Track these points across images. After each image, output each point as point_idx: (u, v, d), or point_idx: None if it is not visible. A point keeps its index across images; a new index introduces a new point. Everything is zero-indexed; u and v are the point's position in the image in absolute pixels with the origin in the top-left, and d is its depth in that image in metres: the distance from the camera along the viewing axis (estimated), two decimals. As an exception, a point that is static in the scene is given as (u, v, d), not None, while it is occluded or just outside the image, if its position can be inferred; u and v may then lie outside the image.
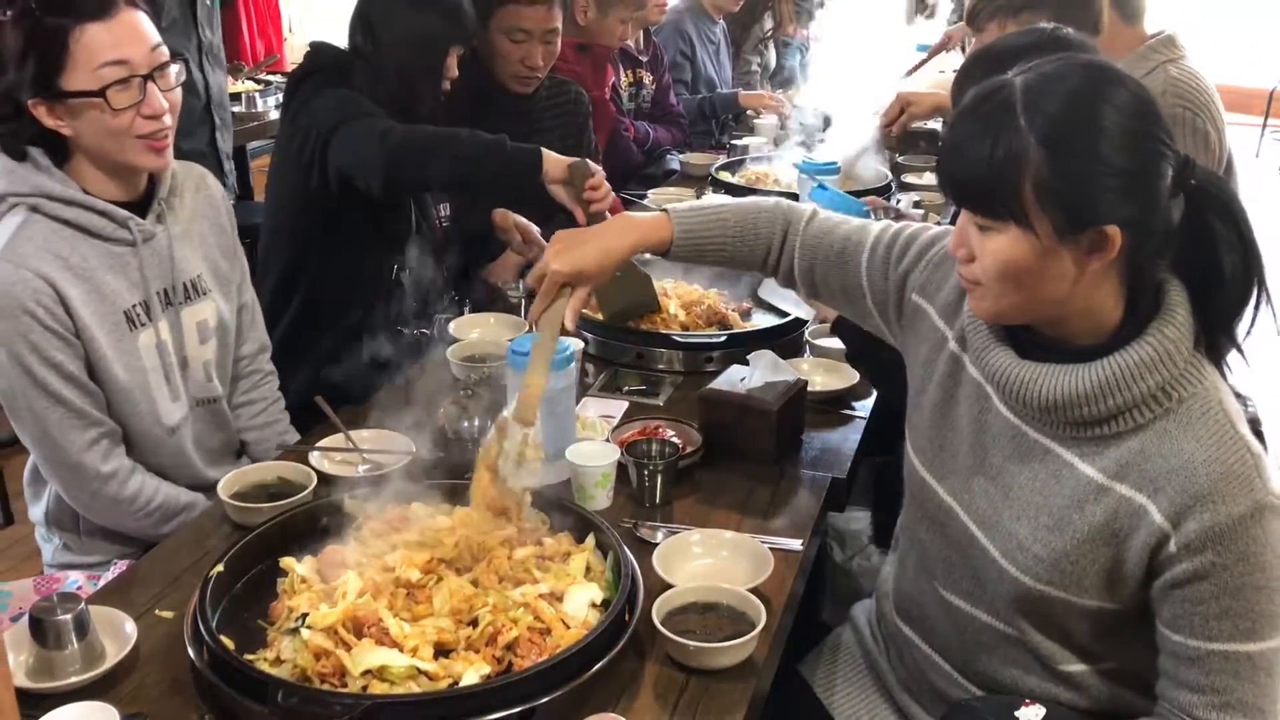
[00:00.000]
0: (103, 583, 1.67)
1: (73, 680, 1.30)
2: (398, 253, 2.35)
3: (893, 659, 1.61)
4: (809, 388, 1.93)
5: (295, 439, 2.03)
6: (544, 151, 2.19)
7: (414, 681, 1.27)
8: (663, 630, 1.35)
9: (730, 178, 3.49)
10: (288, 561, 1.46)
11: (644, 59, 4.03)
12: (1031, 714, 1.28)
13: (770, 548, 1.55)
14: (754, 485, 1.77)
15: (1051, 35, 1.73)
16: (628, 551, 1.46)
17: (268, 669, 1.29)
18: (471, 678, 1.26)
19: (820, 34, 5.14)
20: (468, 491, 1.57)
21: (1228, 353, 1.29)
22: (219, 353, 1.94)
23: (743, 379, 1.87)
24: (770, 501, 1.74)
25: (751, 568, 1.51)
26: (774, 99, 4.36)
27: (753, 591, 1.42)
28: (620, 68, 3.87)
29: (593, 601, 1.40)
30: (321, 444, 1.86)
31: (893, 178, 3.44)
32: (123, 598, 1.48)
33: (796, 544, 1.61)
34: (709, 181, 3.47)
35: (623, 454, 1.72)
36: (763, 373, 1.87)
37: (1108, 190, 1.19)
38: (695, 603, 1.42)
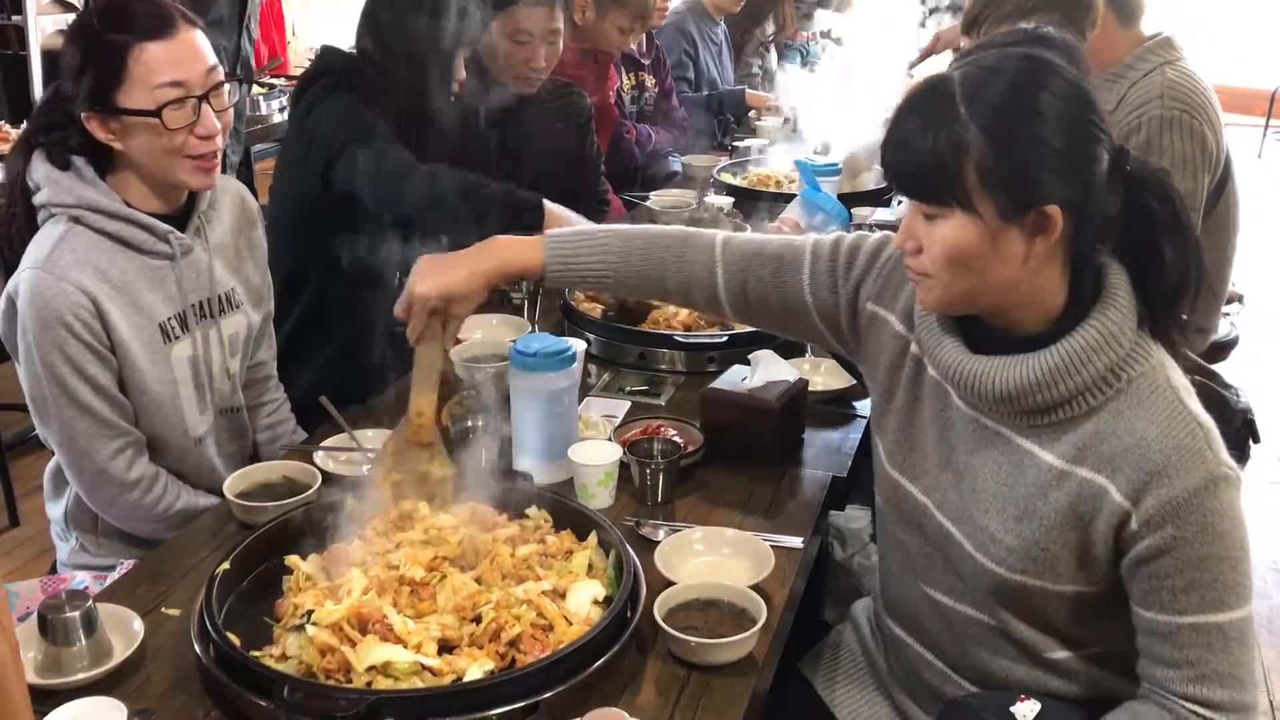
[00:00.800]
0: (109, 582, 1.68)
1: (81, 677, 1.31)
2: (402, 254, 2.37)
3: (890, 658, 1.63)
4: (810, 387, 1.94)
5: (301, 439, 2.05)
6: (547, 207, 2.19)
7: (418, 677, 1.28)
8: (665, 626, 1.36)
9: (733, 179, 3.49)
10: (293, 559, 1.47)
11: (646, 62, 4.03)
12: (1027, 709, 1.29)
13: (771, 545, 1.56)
14: (755, 484, 1.78)
15: (1035, 35, 1.74)
16: (629, 549, 1.47)
17: (274, 665, 1.30)
18: (475, 673, 1.27)
19: (823, 34, 5.15)
20: (468, 490, 1.59)
21: (1173, 331, 1.31)
22: (243, 363, 1.96)
23: (744, 378, 1.88)
24: (771, 500, 1.75)
25: (753, 565, 1.52)
26: (776, 104, 4.34)
27: (754, 589, 1.43)
28: (622, 70, 3.87)
29: (595, 598, 1.41)
30: (326, 444, 1.87)
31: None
32: (129, 595, 1.50)
33: (797, 542, 1.62)
34: (712, 184, 3.47)
35: (625, 453, 1.73)
36: (764, 372, 1.88)
37: (1047, 171, 1.22)
38: (697, 599, 1.43)
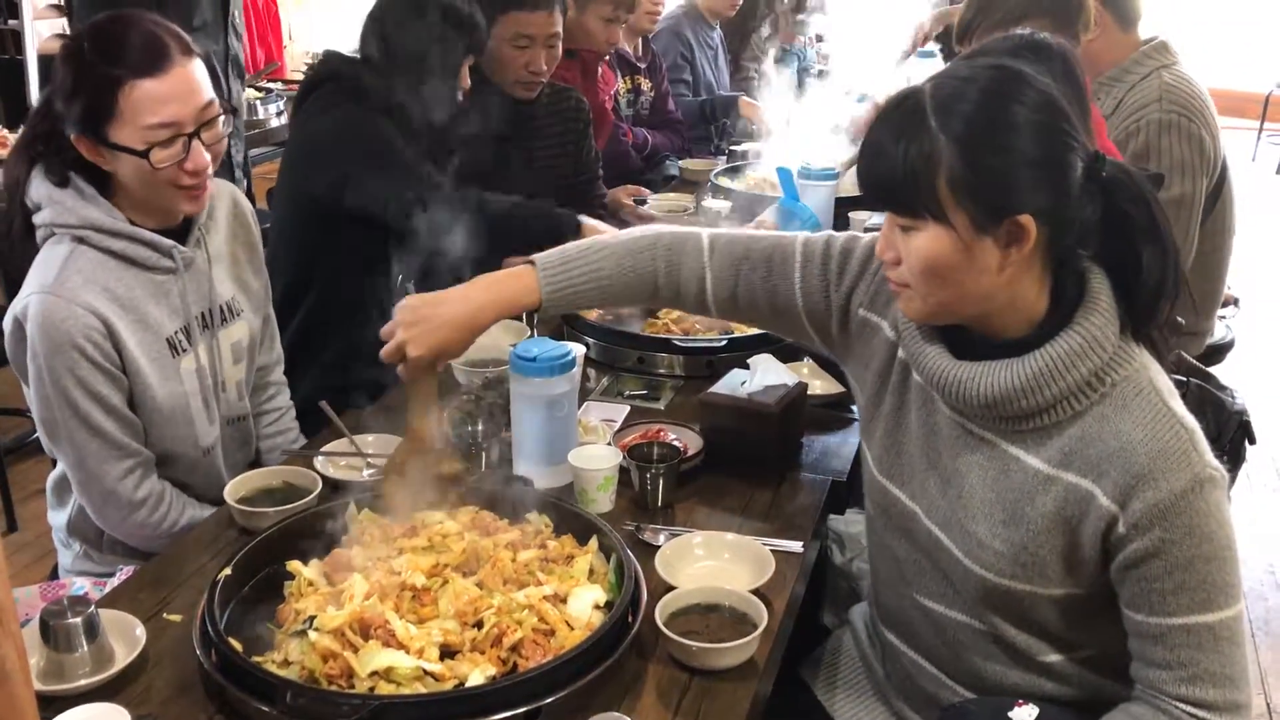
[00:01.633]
0: (110, 587, 1.68)
1: (83, 683, 1.31)
2: (404, 259, 2.37)
3: (886, 664, 1.63)
4: (809, 391, 1.94)
5: (302, 444, 2.05)
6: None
7: (420, 682, 1.28)
8: (665, 631, 1.36)
9: (730, 183, 3.49)
10: (295, 565, 1.47)
11: (642, 66, 4.04)
12: (1025, 714, 1.30)
13: (771, 549, 1.56)
14: (755, 488, 1.79)
15: (1029, 41, 1.75)
16: (630, 554, 1.47)
17: (276, 671, 1.30)
18: (477, 678, 1.28)
19: (818, 38, 5.15)
20: (470, 493, 1.60)
21: (1155, 334, 1.32)
22: (247, 371, 1.96)
23: (743, 383, 1.89)
24: (771, 504, 1.75)
25: (753, 569, 1.53)
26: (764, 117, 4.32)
27: (754, 593, 1.44)
28: (618, 74, 3.88)
29: (596, 603, 1.41)
30: (326, 449, 1.87)
31: None
32: (131, 601, 1.50)
33: (797, 546, 1.63)
34: (709, 188, 3.48)
35: (625, 458, 1.73)
36: (763, 376, 1.88)
37: (1019, 181, 1.22)
38: (698, 604, 1.43)
